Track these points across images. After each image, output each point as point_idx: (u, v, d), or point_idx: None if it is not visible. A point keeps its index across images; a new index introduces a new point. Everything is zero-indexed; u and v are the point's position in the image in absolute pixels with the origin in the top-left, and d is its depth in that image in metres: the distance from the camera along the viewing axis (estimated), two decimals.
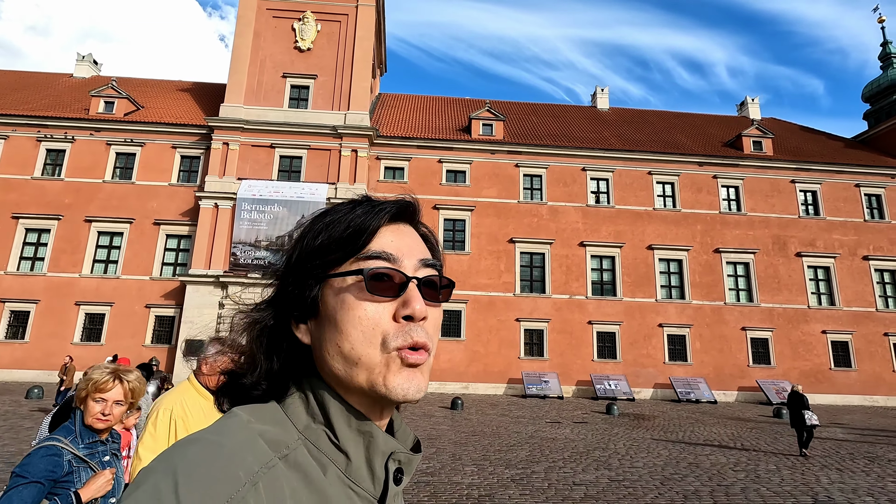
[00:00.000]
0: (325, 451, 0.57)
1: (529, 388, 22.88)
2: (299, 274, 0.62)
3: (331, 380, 0.60)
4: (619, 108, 34.70)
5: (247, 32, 26.48)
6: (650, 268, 25.79)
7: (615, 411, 18.12)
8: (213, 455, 0.48)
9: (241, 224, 23.59)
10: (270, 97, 25.88)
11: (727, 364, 24.84)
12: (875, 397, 24.81)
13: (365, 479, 0.58)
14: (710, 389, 23.61)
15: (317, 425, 0.58)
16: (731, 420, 17.33)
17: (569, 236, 25.85)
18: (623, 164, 27.04)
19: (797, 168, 27.51)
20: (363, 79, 26.46)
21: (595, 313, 25.06)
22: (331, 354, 0.59)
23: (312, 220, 0.65)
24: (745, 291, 26.05)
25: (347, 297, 0.59)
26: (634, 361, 24.57)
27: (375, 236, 0.61)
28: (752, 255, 26.24)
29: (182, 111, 27.20)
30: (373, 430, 0.58)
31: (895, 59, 32.06)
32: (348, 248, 0.60)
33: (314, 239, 0.62)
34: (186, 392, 2.50)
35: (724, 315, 25.48)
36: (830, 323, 25.70)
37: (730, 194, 27.24)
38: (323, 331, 0.60)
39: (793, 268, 26.26)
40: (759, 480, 7.97)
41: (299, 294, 0.61)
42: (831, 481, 8.12)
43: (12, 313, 23.18)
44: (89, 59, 32.88)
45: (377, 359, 0.58)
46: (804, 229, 26.79)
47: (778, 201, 27.09)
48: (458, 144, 26.56)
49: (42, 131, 25.19)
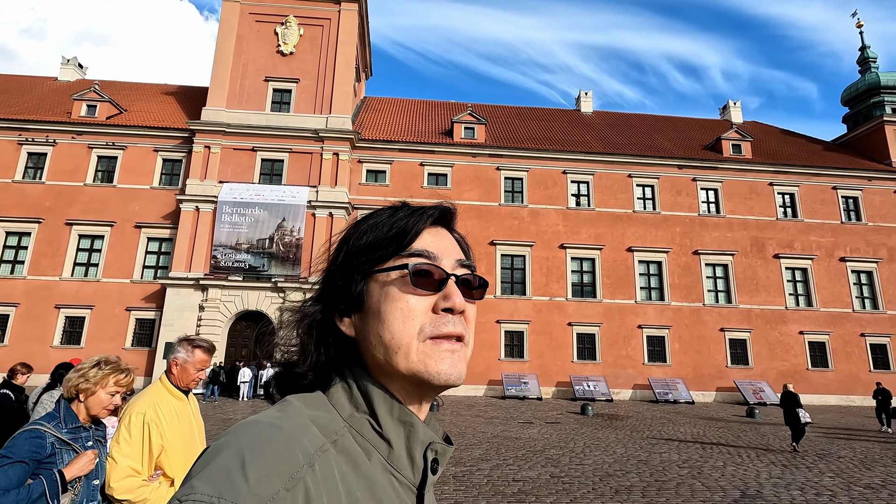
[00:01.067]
0: (368, 439, 0.60)
1: (509, 390, 23.03)
2: (346, 271, 0.67)
3: (374, 369, 0.65)
4: (602, 111, 35.01)
5: (229, 37, 26.64)
6: (630, 269, 26.03)
7: (590, 412, 18.30)
8: (275, 436, 0.52)
9: (221, 227, 23.68)
10: (253, 101, 26.03)
11: (706, 365, 25.08)
12: (852, 397, 25.09)
13: (405, 467, 0.61)
14: (689, 390, 23.83)
15: (360, 414, 0.62)
16: (702, 420, 17.52)
17: (549, 238, 26.07)
18: (603, 167, 27.30)
19: (775, 171, 27.85)
20: (345, 83, 26.64)
21: (575, 315, 25.26)
22: (373, 344, 0.63)
23: (356, 223, 0.70)
24: (723, 293, 26.32)
25: (391, 290, 0.64)
26: (614, 363, 24.77)
27: (418, 237, 0.67)
28: (731, 256, 26.52)
29: (165, 115, 27.31)
30: (413, 420, 0.62)
31: (873, 63, 32.51)
32: (393, 247, 0.65)
33: (360, 239, 0.67)
34: (159, 394, 2.50)
35: (703, 316, 25.73)
36: (808, 324, 25.99)
37: (709, 197, 27.53)
38: (367, 322, 0.65)
39: (771, 269, 26.55)
40: (699, 476, 8.14)
41: (345, 289, 0.66)
42: (770, 476, 8.30)
43: None
44: (74, 63, 32.95)
45: (415, 346, 0.62)
46: (782, 231, 27.10)
47: (756, 203, 27.40)
48: (439, 148, 26.77)
49: (23, 134, 25.25)
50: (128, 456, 2.27)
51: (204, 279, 22.97)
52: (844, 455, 10.89)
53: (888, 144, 29.15)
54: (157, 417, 2.36)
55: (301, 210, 24.09)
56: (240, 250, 23.63)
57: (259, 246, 23.71)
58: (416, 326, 0.62)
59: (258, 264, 23.56)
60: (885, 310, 26.37)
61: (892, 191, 28.14)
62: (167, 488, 2.33)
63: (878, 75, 31.36)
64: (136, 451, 2.28)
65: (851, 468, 9.35)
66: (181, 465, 2.37)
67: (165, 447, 2.34)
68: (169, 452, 2.35)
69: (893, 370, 25.67)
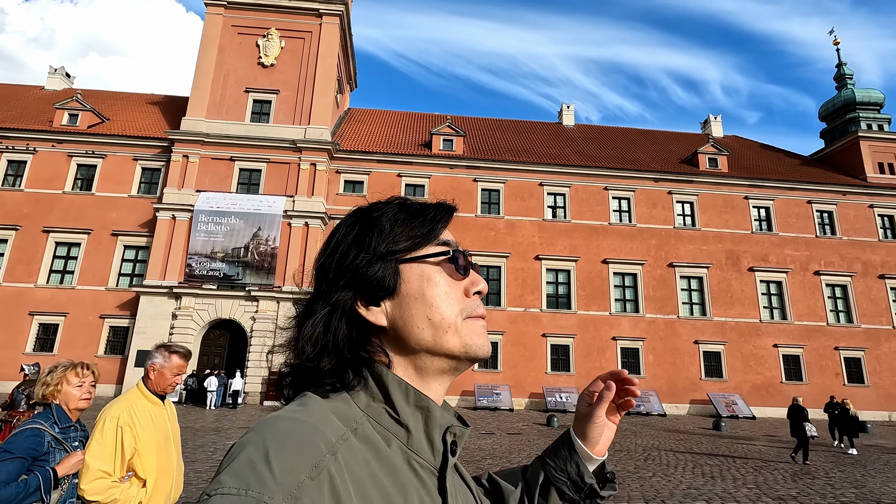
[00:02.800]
0: (387, 426, 0.63)
1: (480, 401, 23.03)
2: (378, 259, 0.68)
3: (414, 353, 0.68)
4: (584, 124, 35.42)
5: (211, 48, 27.02)
6: (605, 281, 26.17)
7: (555, 423, 18.32)
8: (297, 429, 0.55)
9: (197, 235, 23.82)
10: (232, 111, 26.33)
11: (679, 377, 25.11)
12: None
13: (426, 451, 0.63)
14: (661, 402, 23.84)
15: (377, 403, 0.64)
16: (666, 431, 17.54)
17: (525, 250, 26.23)
18: (580, 180, 27.57)
19: (751, 185, 28.14)
20: (325, 94, 26.98)
21: (549, 326, 25.34)
22: (420, 327, 0.66)
23: (368, 216, 0.72)
24: (698, 305, 26.44)
25: (434, 275, 0.68)
26: (588, 374, 24.76)
27: (444, 230, 0.73)
28: (706, 269, 26.69)
29: (147, 124, 27.59)
30: (430, 405, 0.65)
31: (849, 80, 32.98)
32: (422, 238, 0.70)
33: (386, 230, 0.69)
34: (135, 399, 2.57)
35: (678, 328, 25.82)
36: (782, 337, 26.08)
37: (685, 210, 27.78)
38: (407, 307, 0.67)
39: (745, 282, 26.71)
40: (633, 482, 8.22)
41: (380, 277, 0.67)
42: (676, 484, 8.39)
43: None
44: (62, 72, 33.36)
45: (460, 324, 0.67)
46: (757, 244, 27.30)
47: (731, 217, 27.64)
48: (417, 159, 27.05)
49: (4, 142, 25.49)
50: (99, 458, 2.35)
51: (178, 287, 23.05)
52: (783, 467, 10.95)
53: (863, 159, 29.51)
54: (132, 421, 2.45)
55: (277, 219, 24.26)
56: (215, 259, 23.75)
57: (234, 255, 23.83)
58: (459, 308, 0.68)
59: (233, 273, 23.67)
60: (859, 323, 26.48)
61: (866, 205, 28.41)
62: (138, 489, 2.42)
63: (853, 91, 31.81)
64: (108, 454, 2.36)
65: (774, 479, 9.43)
66: (153, 467, 2.47)
67: (139, 449, 2.43)
68: (142, 454, 2.43)
69: (867, 384, 25.73)
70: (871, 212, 28.30)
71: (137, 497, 2.39)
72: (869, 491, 8.74)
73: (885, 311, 26.75)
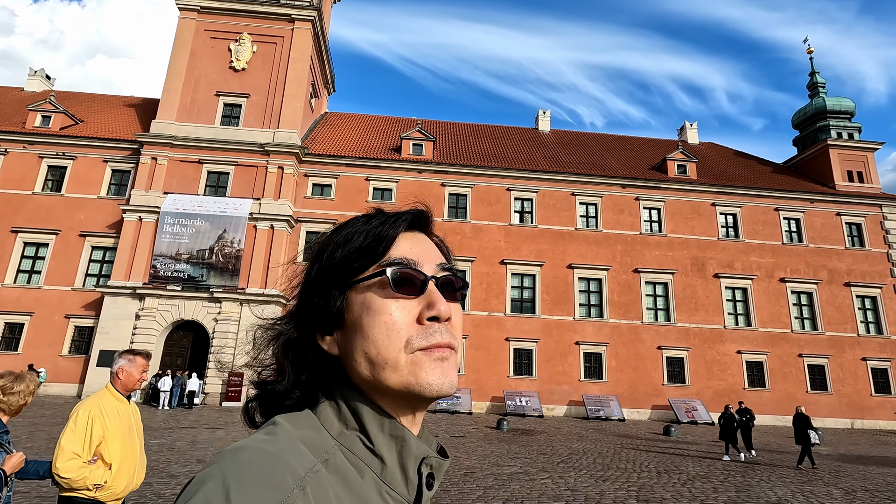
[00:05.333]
0: (360, 456, 0.58)
1: (439, 403, 23.06)
2: (323, 285, 0.64)
3: (363, 385, 0.62)
4: (560, 130, 35.63)
5: (183, 52, 27.33)
6: (570, 286, 26.32)
7: (504, 427, 18.44)
8: (262, 461, 0.50)
9: (163, 237, 24.06)
10: (203, 115, 26.61)
11: (642, 382, 25.21)
12: (788, 417, 25.07)
13: (399, 484, 0.59)
14: (622, 407, 23.95)
15: (350, 431, 0.60)
16: (614, 436, 17.64)
17: (491, 254, 26.42)
18: (548, 185, 27.77)
19: (718, 191, 28.30)
20: (295, 98, 27.26)
21: (513, 330, 25.48)
22: (358, 361, 0.61)
23: (330, 235, 0.68)
24: (662, 311, 26.57)
25: (372, 301, 0.61)
26: (550, 378, 24.92)
27: (394, 244, 0.64)
28: (671, 275, 26.82)
29: (119, 126, 27.88)
30: (405, 435, 0.60)
31: (821, 89, 33.17)
32: (369, 257, 0.63)
33: (335, 251, 0.65)
34: (104, 397, 3.04)
35: (641, 334, 25.94)
36: (746, 343, 26.18)
37: (651, 216, 27.95)
38: (350, 339, 0.62)
39: (710, 288, 26.83)
40: (515, 484, 8.38)
41: (324, 305, 0.64)
42: (587, 485, 8.54)
43: None
44: (42, 74, 33.68)
45: (403, 360, 0.59)
46: (723, 251, 27.44)
47: (698, 223, 27.79)
48: (385, 163, 27.28)
49: None
50: (72, 442, 2.82)
51: (142, 288, 23.27)
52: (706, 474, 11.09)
53: (832, 167, 29.66)
54: (101, 414, 2.93)
55: (242, 222, 24.49)
56: (180, 260, 23.97)
57: (199, 256, 24.05)
58: (403, 339, 0.60)
59: (197, 275, 23.88)
60: (823, 331, 26.58)
61: (833, 213, 28.55)
62: (104, 470, 2.88)
63: (824, 100, 31.98)
64: (80, 440, 2.83)
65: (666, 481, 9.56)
66: (118, 453, 2.95)
67: (106, 437, 2.90)
68: (108, 442, 2.91)
69: (831, 391, 25.81)
70: (839, 220, 28.43)
71: (104, 477, 2.86)
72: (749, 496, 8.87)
73: (850, 319, 26.84)
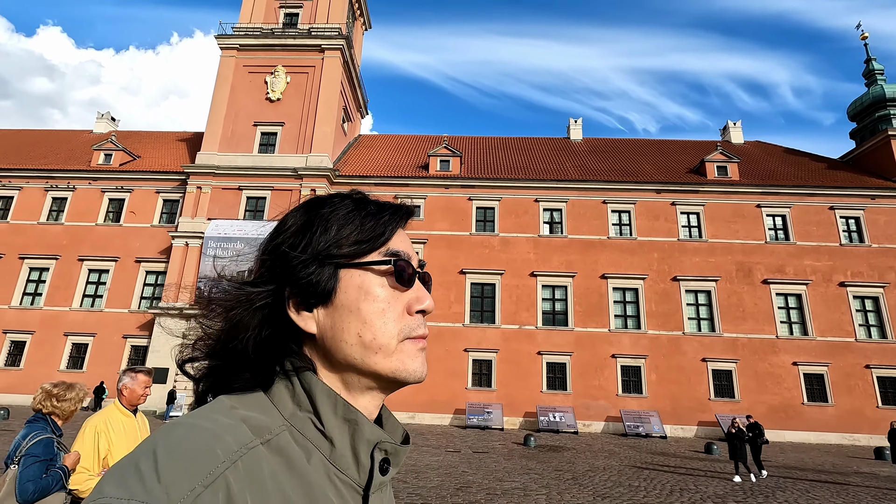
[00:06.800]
0: (310, 438, 0.58)
1: (471, 419, 22.93)
2: (314, 259, 0.62)
3: (341, 367, 0.63)
4: (592, 138, 34.92)
5: (224, 87, 29.36)
6: (603, 297, 25.47)
7: (532, 443, 18.01)
8: (195, 435, 0.51)
9: (206, 260, 25.66)
10: (242, 144, 28.36)
11: (685, 397, 23.82)
12: (856, 435, 22.85)
13: (350, 467, 0.59)
14: (663, 423, 22.70)
15: (303, 413, 0.59)
16: (651, 454, 16.77)
17: (519, 266, 26.10)
18: (577, 195, 27.21)
19: (763, 192, 26.60)
20: (326, 123, 28.49)
21: (545, 343, 24.92)
22: (349, 343, 0.61)
23: (314, 211, 0.67)
24: (706, 321, 25.10)
25: (372, 288, 0.63)
26: (585, 393, 24.08)
27: (394, 237, 0.66)
28: (714, 282, 25.35)
29: (171, 160, 30.21)
30: (358, 419, 0.60)
31: (879, 76, 30.61)
32: (368, 242, 0.64)
33: (329, 228, 0.64)
34: (111, 412, 3.26)
35: (683, 345, 24.59)
36: (802, 354, 24.17)
37: (690, 221, 26.65)
38: (340, 319, 0.62)
39: (759, 296, 25.09)
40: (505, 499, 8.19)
41: (314, 280, 0.62)
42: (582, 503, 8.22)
43: (12, 343, 26.11)
44: (107, 117, 37.14)
45: (393, 347, 0.62)
46: (771, 255, 25.65)
47: (742, 227, 26.19)
48: (413, 181, 27.80)
49: (50, 182, 28.78)
50: (81, 457, 3.07)
51: (188, 309, 24.82)
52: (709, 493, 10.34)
53: (895, 160, 27.16)
54: (107, 429, 3.15)
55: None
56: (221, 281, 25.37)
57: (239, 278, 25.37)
58: (396, 328, 0.63)
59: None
60: (893, 338, 24.09)
61: None
62: None
63: (883, 88, 29.46)
64: (87, 454, 3.05)
65: None
66: None
67: (111, 451, 3.09)
68: (114, 455, 3.08)
69: None
70: None
71: None
72: None
73: None
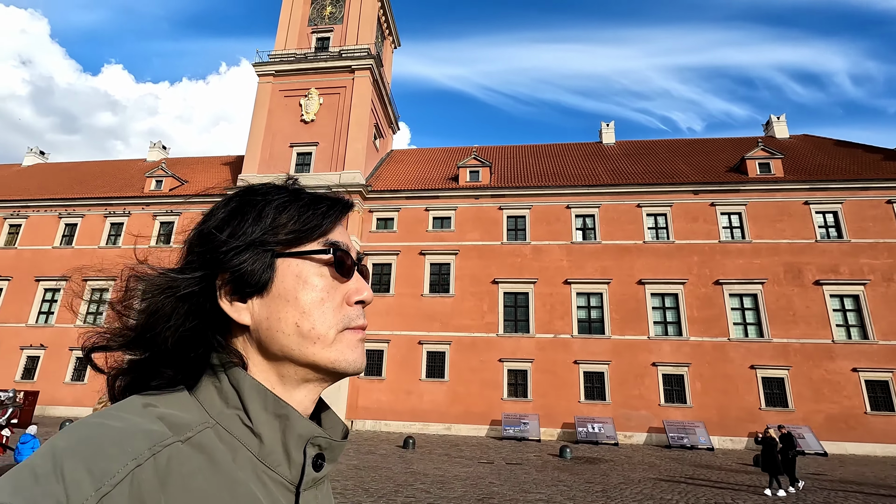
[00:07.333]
0: (237, 435, 0.56)
1: (506, 430, 22.70)
2: (251, 246, 0.60)
3: (277, 359, 0.61)
4: (625, 140, 34.18)
5: (262, 112, 30.85)
6: (641, 303, 24.73)
7: (567, 454, 17.67)
8: (100, 434, 0.47)
9: None
10: (279, 165, 29.62)
11: (733, 406, 22.66)
12: None
13: (281, 463, 0.57)
14: (709, 435, 21.69)
15: (231, 409, 0.57)
16: (689, 466, 16.10)
17: (552, 274, 25.78)
18: (610, 199, 26.68)
19: (811, 188, 25.18)
20: (357, 140, 29.35)
21: (581, 352, 24.41)
22: (286, 333, 0.59)
23: (244, 198, 0.65)
24: (753, 325, 23.87)
25: (310, 277, 0.61)
26: (625, 403, 23.36)
27: (334, 227, 0.65)
28: (760, 285, 24.12)
29: (216, 182, 31.93)
30: (289, 413, 0.58)
31: None
32: (306, 231, 0.62)
33: (264, 215, 0.62)
34: None
35: (729, 352, 23.47)
36: (863, 360, 22.53)
37: (731, 221, 25.55)
38: (276, 309, 0.60)
39: (811, 298, 23.65)
40: None
41: (250, 269, 0.59)
42: None
43: (77, 360, 28.12)
44: (159, 146, 39.72)
45: (332, 337, 0.61)
46: (823, 254, 24.17)
47: (789, 225, 24.85)
48: (443, 193, 28.10)
49: (108, 208, 31.04)
50: None
51: None
52: None
53: None
54: None
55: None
56: None
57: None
58: (335, 318, 0.62)
59: None
60: None
61: None
62: None
63: None
64: None
65: None
66: None
67: None
68: None
69: None
70: None
71: None
72: None
73: None
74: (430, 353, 25.33)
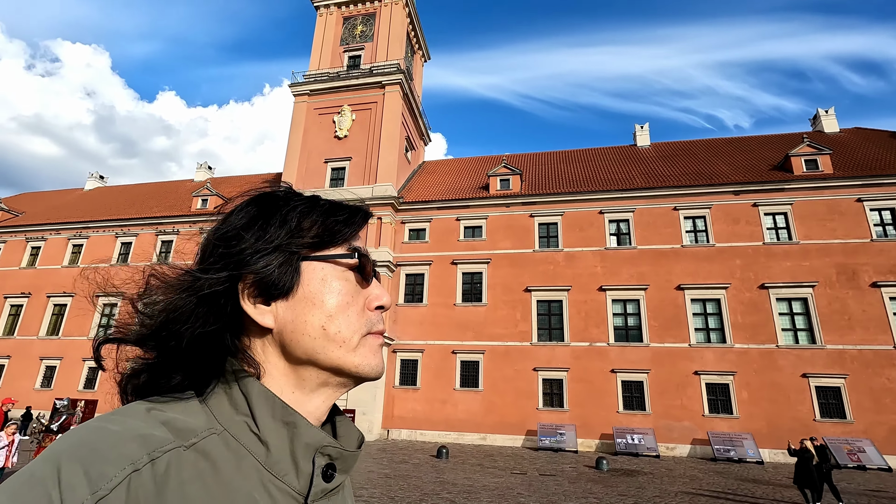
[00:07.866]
0: (243, 443, 0.55)
1: (542, 441, 22.34)
2: (277, 249, 0.60)
3: (300, 363, 0.61)
4: (661, 142, 33.29)
5: (298, 130, 32.05)
6: (681, 309, 23.88)
7: (604, 466, 17.22)
8: (100, 438, 0.47)
9: None
10: (314, 180, 30.63)
11: (784, 417, 21.42)
12: None
13: (288, 473, 0.56)
14: (758, 447, 20.58)
15: (239, 416, 0.56)
16: (733, 480, 15.34)
17: (586, 281, 25.31)
18: (644, 203, 26.02)
19: (863, 184, 23.70)
20: (389, 153, 29.98)
21: (618, 361, 23.78)
22: (312, 336, 0.59)
23: (268, 202, 0.65)
24: (804, 331, 22.57)
25: (336, 281, 0.62)
26: (666, 413, 22.53)
27: (356, 234, 0.67)
28: (811, 288, 22.82)
29: None
30: (297, 421, 0.57)
31: None
32: (333, 237, 0.63)
33: (290, 219, 0.62)
34: None
35: (778, 360, 22.26)
36: None
37: (776, 222, 24.35)
38: (302, 312, 0.60)
39: (868, 301, 22.15)
40: None
41: (276, 270, 0.59)
42: None
43: None
44: (205, 166, 41.93)
45: (356, 341, 0.62)
46: (880, 254, 22.63)
47: (840, 224, 23.44)
48: (473, 202, 28.22)
49: (158, 227, 32.96)
50: None
51: None
52: None
53: None
54: None
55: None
56: None
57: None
58: (360, 322, 0.62)
59: None
60: None
61: None
62: None
63: None
64: None
65: None
66: None
67: None
68: None
69: None
70: None
71: None
72: None
73: None
74: (463, 363, 25.34)
